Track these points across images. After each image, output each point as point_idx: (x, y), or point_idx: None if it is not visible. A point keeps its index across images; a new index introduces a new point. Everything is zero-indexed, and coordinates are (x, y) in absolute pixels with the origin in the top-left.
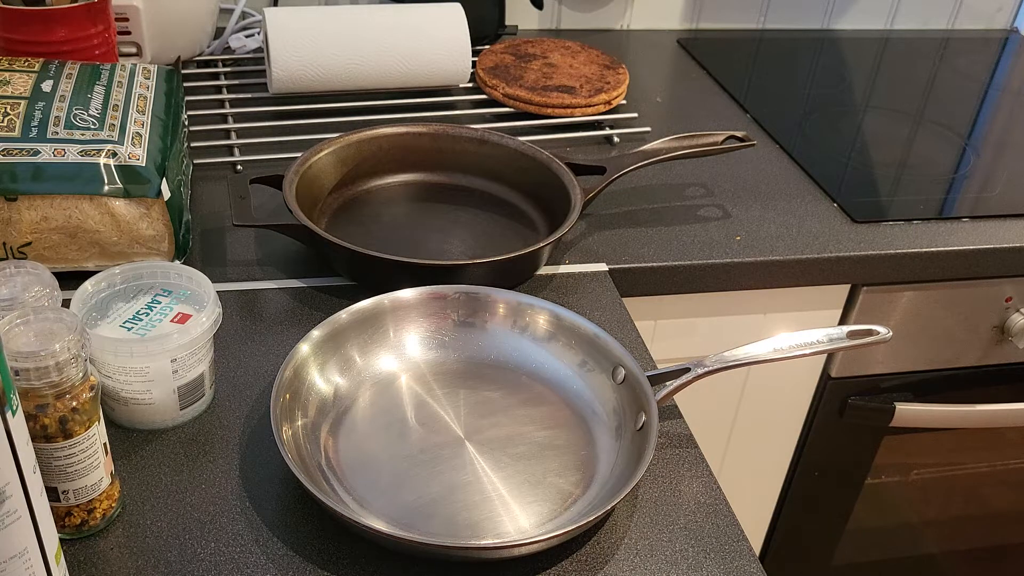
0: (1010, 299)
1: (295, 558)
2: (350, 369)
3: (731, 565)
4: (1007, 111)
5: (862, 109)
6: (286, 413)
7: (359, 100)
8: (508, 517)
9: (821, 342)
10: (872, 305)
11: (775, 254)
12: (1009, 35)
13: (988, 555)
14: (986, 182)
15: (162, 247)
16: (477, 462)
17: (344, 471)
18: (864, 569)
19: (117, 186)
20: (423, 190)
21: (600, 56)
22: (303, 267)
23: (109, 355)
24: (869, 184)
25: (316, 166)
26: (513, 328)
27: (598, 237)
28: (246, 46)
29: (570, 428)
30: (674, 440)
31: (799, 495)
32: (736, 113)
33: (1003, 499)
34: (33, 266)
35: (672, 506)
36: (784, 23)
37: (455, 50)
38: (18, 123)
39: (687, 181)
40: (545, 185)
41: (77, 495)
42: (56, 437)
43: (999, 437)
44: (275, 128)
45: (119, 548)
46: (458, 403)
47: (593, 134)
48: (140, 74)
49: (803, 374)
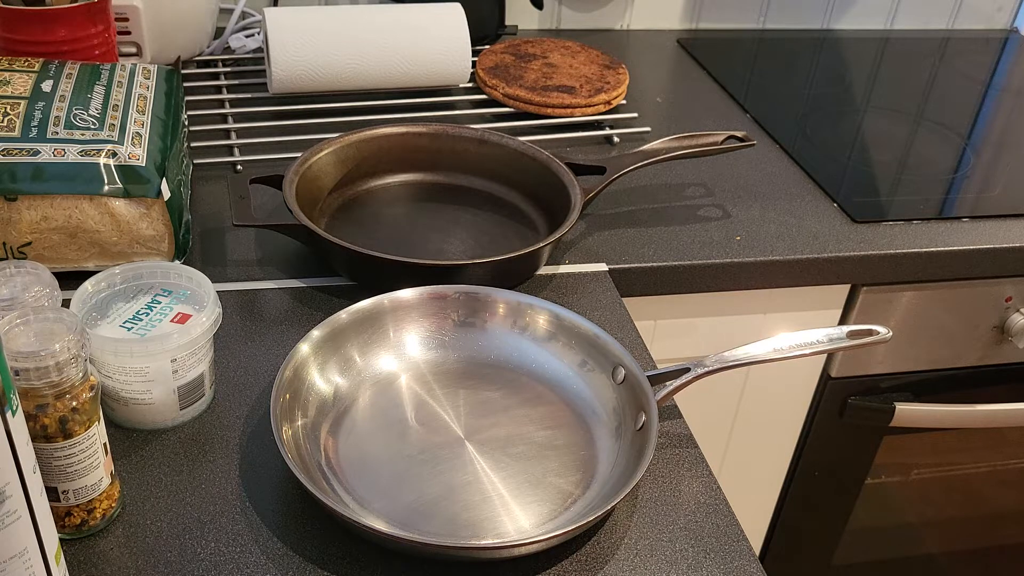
0: (1010, 299)
1: (295, 558)
2: (350, 369)
3: (731, 565)
4: (1007, 111)
5: (862, 109)
6: (286, 413)
7: (359, 100)
8: (508, 517)
9: (821, 342)
10: (872, 305)
11: (775, 254)
12: (1009, 35)
13: (988, 555)
14: (986, 182)
15: (162, 247)
16: (477, 462)
17: (344, 471)
18: (864, 569)
19: (117, 186)
20: (423, 190)
21: (600, 56)
22: (303, 267)
23: (109, 355)
24: (869, 184)
25: (316, 166)
26: (513, 328)
27: (598, 237)
28: (246, 46)
29: (570, 428)
30: (674, 440)
31: (799, 495)
32: (736, 113)
33: (1003, 499)
34: (33, 266)
35: (672, 506)
36: (784, 23)
37: (455, 50)
38: (18, 123)
39: (687, 181)
40: (545, 185)
41: (77, 495)
42: (56, 437)
43: (999, 437)
44: (275, 128)
45: (119, 548)
46: (458, 403)
47: (593, 134)
48: (140, 74)
49: (803, 374)
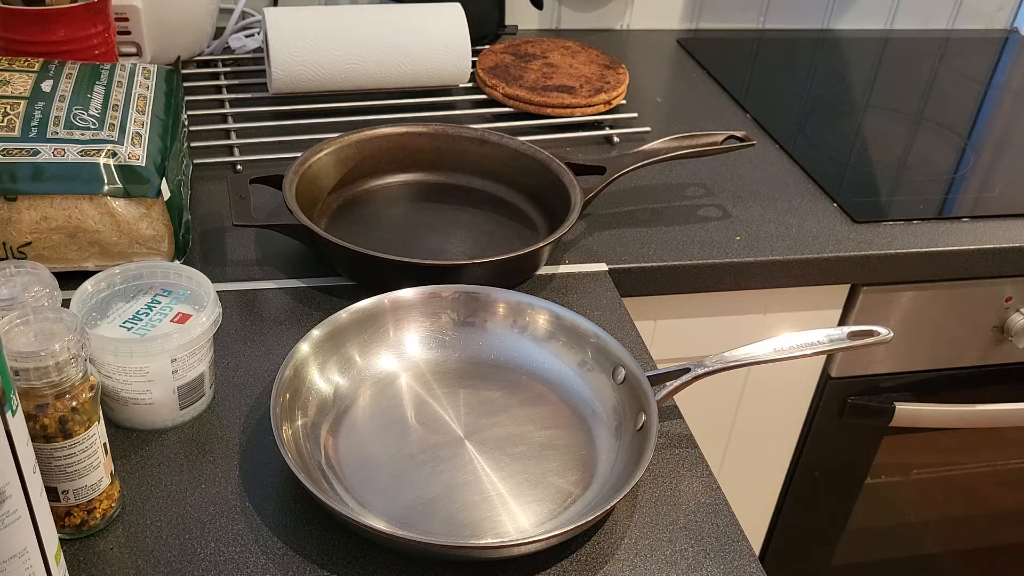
0: (1010, 299)
1: (295, 558)
2: (350, 369)
3: (731, 565)
4: (1007, 111)
5: (862, 109)
6: (286, 413)
7: (359, 100)
8: (508, 517)
9: (822, 343)
10: (872, 305)
11: (775, 254)
12: (1009, 35)
13: (988, 555)
14: (986, 182)
15: (162, 247)
16: (477, 462)
17: (344, 471)
18: (864, 569)
19: (117, 186)
20: (423, 190)
21: (600, 56)
22: (303, 267)
23: (109, 355)
24: (869, 184)
25: (316, 166)
26: (513, 328)
27: (598, 237)
28: (246, 46)
29: (570, 428)
30: (674, 440)
31: (799, 495)
32: (736, 113)
33: (1003, 499)
34: (33, 266)
35: (672, 506)
36: (784, 23)
37: (455, 50)
38: (18, 123)
39: (687, 181)
40: (545, 185)
41: (77, 495)
42: (56, 437)
43: (999, 437)
44: (275, 128)
45: (119, 548)
46: (458, 403)
47: (593, 134)
48: (140, 74)
49: (803, 374)
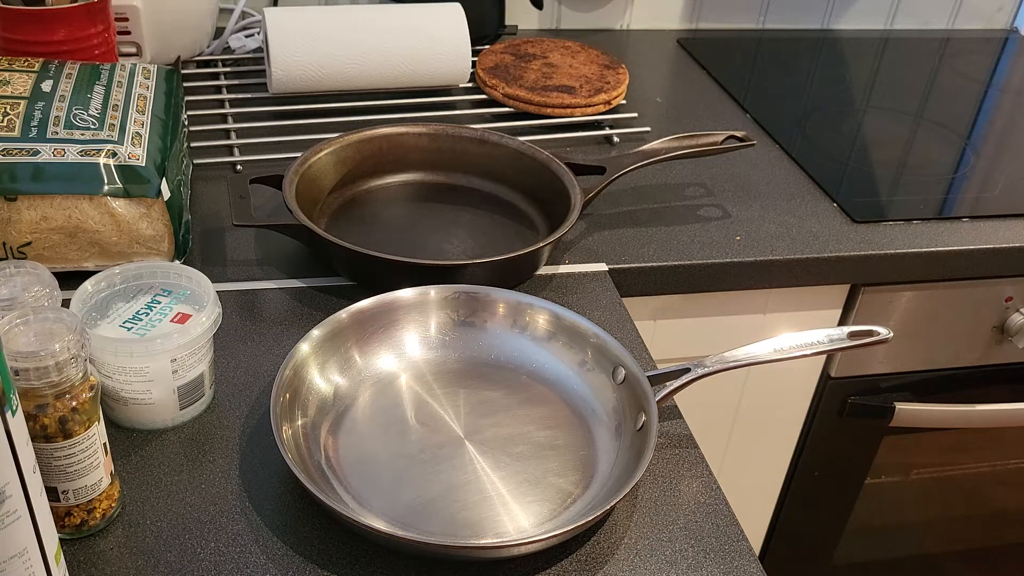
0: (1010, 299)
1: (295, 558)
2: (350, 369)
3: (731, 565)
4: (1007, 111)
5: (862, 109)
6: (286, 413)
7: (359, 100)
8: (508, 517)
9: (822, 343)
10: (872, 305)
11: (775, 254)
12: (1009, 35)
13: (988, 555)
14: (986, 182)
15: (162, 247)
16: (477, 462)
17: (344, 471)
18: (864, 569)
19: (117, 186)
20: (423, 190)
21: (600, 56)
22: (303, 267)
23: (109, 355)
24: (869, 184)
25: (316, 166)
26: (513, 328)
27: (598, 237)
28: (246, 46)
29: (570, 428)
30: (674, 440)
31: (799, 495)
32: (736, 113)
33: (1003, 499)
34: (33, 266)
35: (672, 506)
36: (784, 23)
37: (455, 50)
38: (18, 123)
39: (687, 181)
40: (545, 185)
41: (77, 495)
42: (56, 437)
43: (999, 437)
44: (275, 128)
45: (119, 548)
46: (458, 403)
47: (593, 134)
48: (140, 74)
49: (803, 374)
